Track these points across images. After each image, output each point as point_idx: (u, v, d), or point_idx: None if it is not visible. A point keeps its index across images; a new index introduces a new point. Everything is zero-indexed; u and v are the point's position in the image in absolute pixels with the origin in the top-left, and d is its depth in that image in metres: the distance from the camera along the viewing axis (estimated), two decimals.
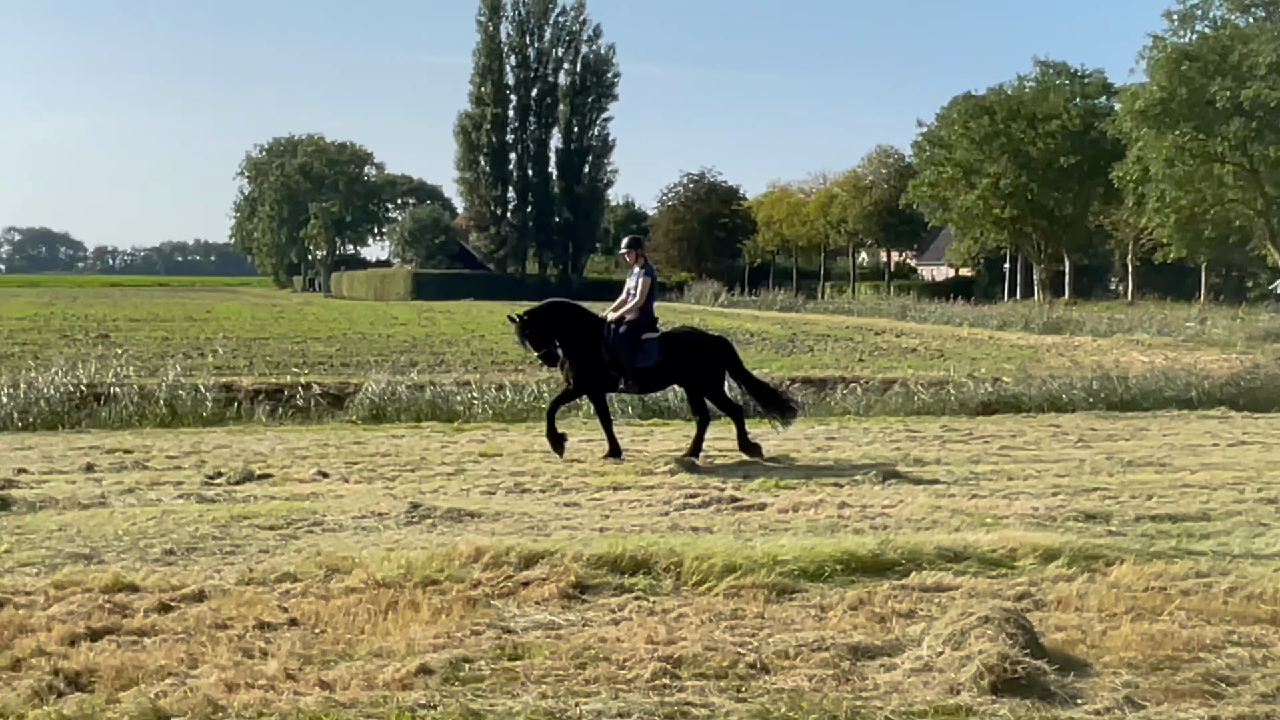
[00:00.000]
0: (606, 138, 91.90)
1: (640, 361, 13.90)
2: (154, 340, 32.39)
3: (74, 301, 64.00)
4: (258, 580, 8.00)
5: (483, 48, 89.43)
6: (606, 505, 11.02)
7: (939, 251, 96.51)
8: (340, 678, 6.07)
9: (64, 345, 29.14)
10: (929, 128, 77.21)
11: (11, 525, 9.71)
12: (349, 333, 38.28)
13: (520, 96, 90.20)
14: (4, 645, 6.47)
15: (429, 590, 7.70)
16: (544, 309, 14.23)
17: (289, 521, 9.98)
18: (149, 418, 17.73)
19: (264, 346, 31.89)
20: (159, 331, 36.73)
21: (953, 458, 14.30)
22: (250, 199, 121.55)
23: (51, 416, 17.31)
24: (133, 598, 7.52)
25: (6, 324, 39.37)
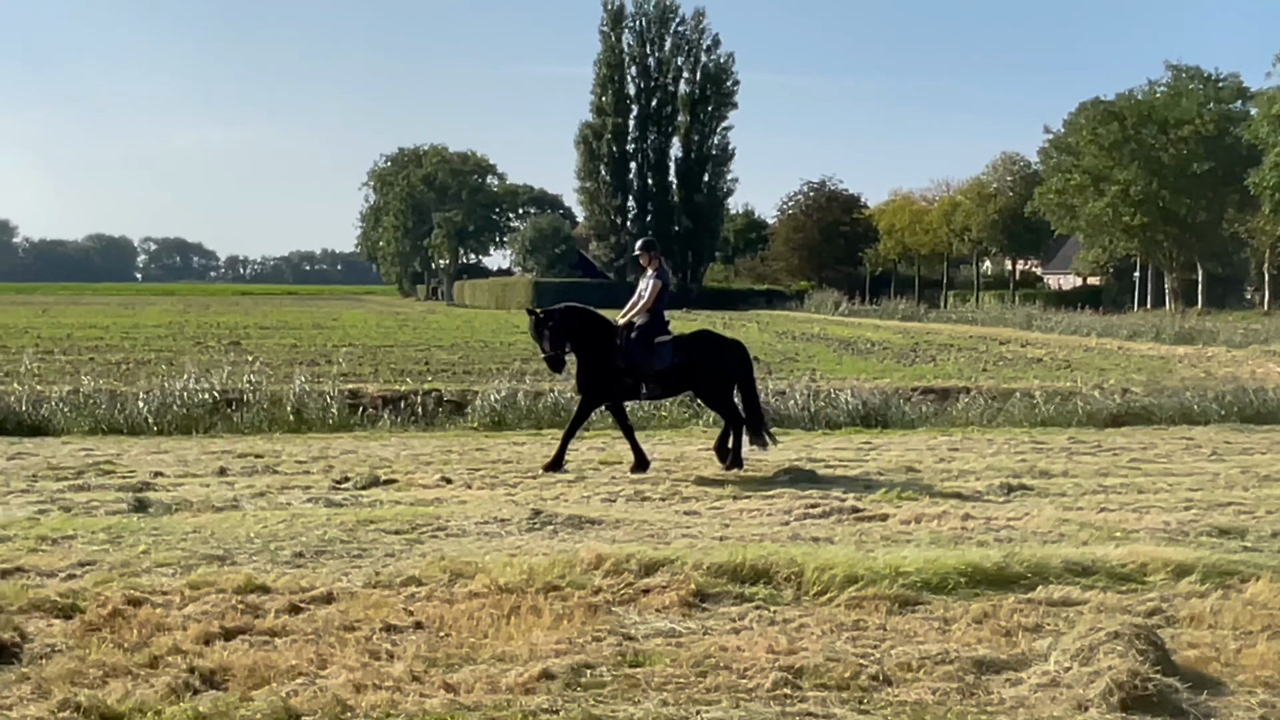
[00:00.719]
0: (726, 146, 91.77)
1: (657, 364, 13.67)
2: (283, 347, 33.18)
3: (207, 309, 65.84)
4: (384, 583, 8.14)
5: (604, 58, 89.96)
6: (726, 514, 11.00)
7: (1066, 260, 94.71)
8: (464, 681, 6.15)
9: (197, 352, 30.00)
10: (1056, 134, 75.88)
11: (149, 526, 10.01)
12: (471, 340, 38.79)
13: (641, 106, 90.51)
14: (142, 643, 6.66)
15: (551, 596, 7.76)
16: (560, 312, 13.94)
17: (414, 526, 10.13)
18: (278, 423, 18.17)
19: (388, 354, 32.47)
20: (288, 339, 37.60)
21: (1080, 470, 14.01)
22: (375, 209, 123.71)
23: (186, 421, 17.84)
24: (264, 599, 7.71)
25: (144, 331, 40.65)
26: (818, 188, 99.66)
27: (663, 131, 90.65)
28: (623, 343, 13.66)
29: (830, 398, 19.59)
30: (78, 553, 8.97)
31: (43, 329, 41.08)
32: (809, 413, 18.99)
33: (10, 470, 13.08)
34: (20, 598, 7.50)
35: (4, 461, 13.75)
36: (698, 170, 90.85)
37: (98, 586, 7.90)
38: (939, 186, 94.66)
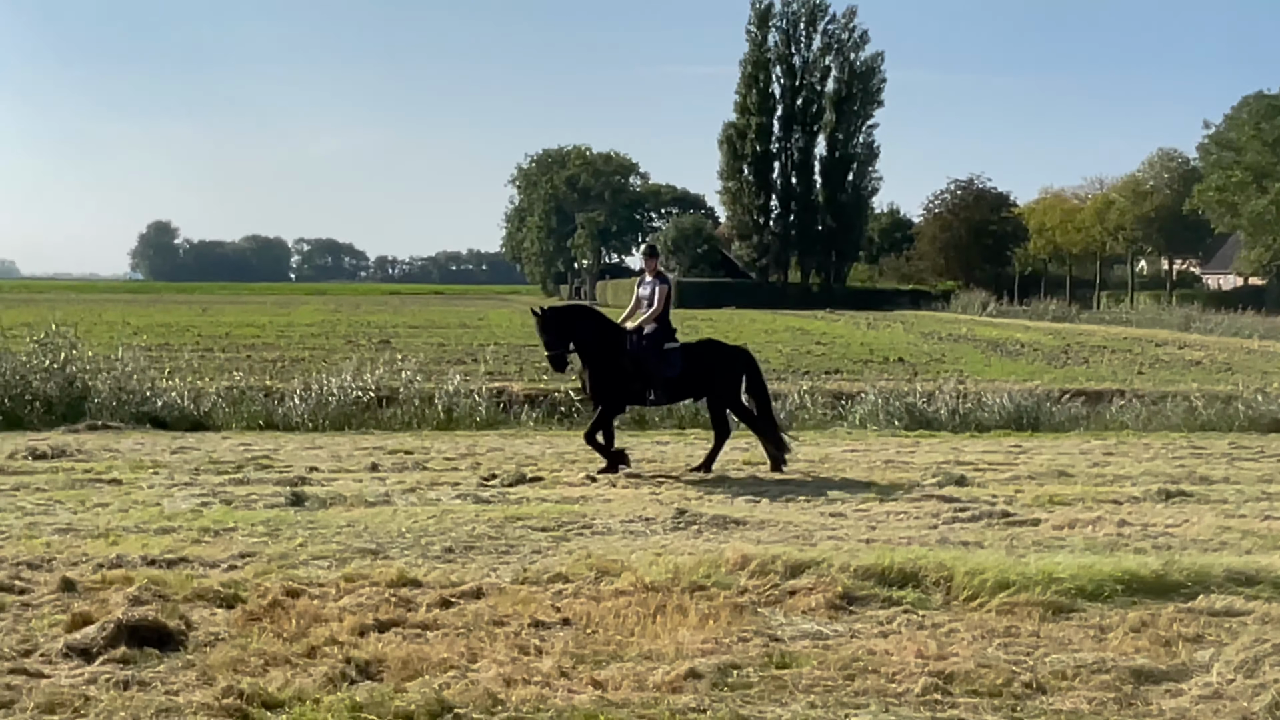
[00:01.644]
0: (872, 145, 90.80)
1: (665, 371, 13.52)
2: (431, 346, 33.77)
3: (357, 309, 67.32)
4: (532, 580, 8.25)
5: (750, 57, 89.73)
6: (873, 517, 10.89)
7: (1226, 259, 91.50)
8: (612, 678, 6.19)
9: (349, 350, 30.70)
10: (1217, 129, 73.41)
11: (305, 520, 10.29)
12: None
13: (785, 105, 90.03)
14: (300, 633, 6.85)
15: (696, 596, 7.77)
16: (566, 310, 13.88)
17: (560, 524, 10.24)
18: (427, 420, 18.53)
19: (533, 353, 32.77)
20: (435, 338, 38.27)
21: (1242, 476, 13.55)
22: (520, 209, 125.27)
23: (339, 418, 18.30)
24: (416, 592, 7.86)
25: (297, 330, 41.76)
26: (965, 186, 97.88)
27: (807, 130, 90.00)
28: (632, 347, 13.49)
29: (978, 400, 19.25)
30: (238, 544, 9.26)
31: (203, 327, 42.47)
32: (957, 415, 18.69)
33: (174, 464, 13.56)
34: (185, 587, 7.76)
35: (168, 455, 14.26)
36: (842, 169, 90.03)
37: (257, 577, 8.14)
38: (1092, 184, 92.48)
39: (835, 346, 37.81)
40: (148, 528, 9.87)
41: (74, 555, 8.75)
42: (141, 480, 12.32)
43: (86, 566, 8.39)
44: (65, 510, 10.63)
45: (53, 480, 12.16)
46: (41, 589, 7.79)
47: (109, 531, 9.65)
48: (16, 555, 8.65)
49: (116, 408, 18.09)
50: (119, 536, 9.45)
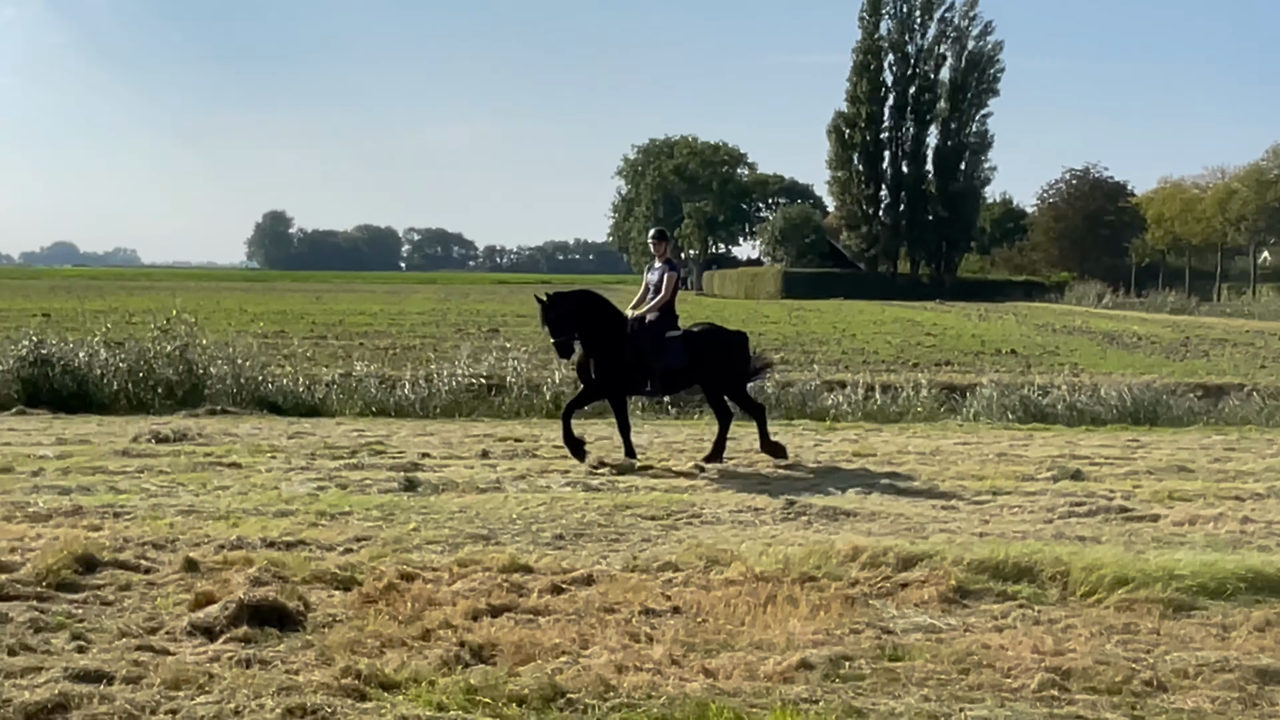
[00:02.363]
0: (985, 134, 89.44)
1: (667, 362, 13.14)
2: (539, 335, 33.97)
3: (466, 298, 68.06)
4: (641, 568, 8.27)
5: (862, 45, 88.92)
6: (986, 510, 10.74)
7: None
8: (722, 666, 6.19)
9: (458, 339, 31.07)
10: None
11: (418, 505, 10.44)
12: None
13: (897, 94, 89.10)
14: (415, 616, 6.95)
15: (807, 586, 7.73)
16: (572, 296, 13.36)
17: (669, 512, 10.26)
18: (536, 408, 18.68)
19: None
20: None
21: None
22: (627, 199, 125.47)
23: (450, 405, 18.53)
24: (527, 578, 7.93)
25: (409, 319, 42.34)
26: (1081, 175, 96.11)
27: (920, 119, 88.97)
28: (633, 335, 13.10)
29: (1094, 393, 18.88)
30: (354, 528, 9.42)
31: (317, 315, 43.25)
32: (1072, 408, 18.36)
33: (291, 449, 13.83)
34: (303, 569, 7.92)
35: (285, 440, 14.54)
36: (954, 158, 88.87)
37: (373, 561, 8.28)
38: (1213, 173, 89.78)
39: (946, 338, 37.35)
40: (266, 510, 10.08)
41: (196, 536, 8.97)
42: (260, 464, 12.59)
43: (209, 547, 8.60)
44: (187, 492, 10.90)
45: (175, 463, 12.48)
46: (166, 568, 8.01)
47: (229, 513, 9.88)
48: (142, 535, 8.90)
49: (234, 393, 18.52)
50: (239, 518, 9.68)
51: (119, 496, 10.60)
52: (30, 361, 18.43)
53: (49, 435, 14.58)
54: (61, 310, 40.43)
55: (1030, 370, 25.06)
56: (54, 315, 36.30)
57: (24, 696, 5.43)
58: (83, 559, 7.89)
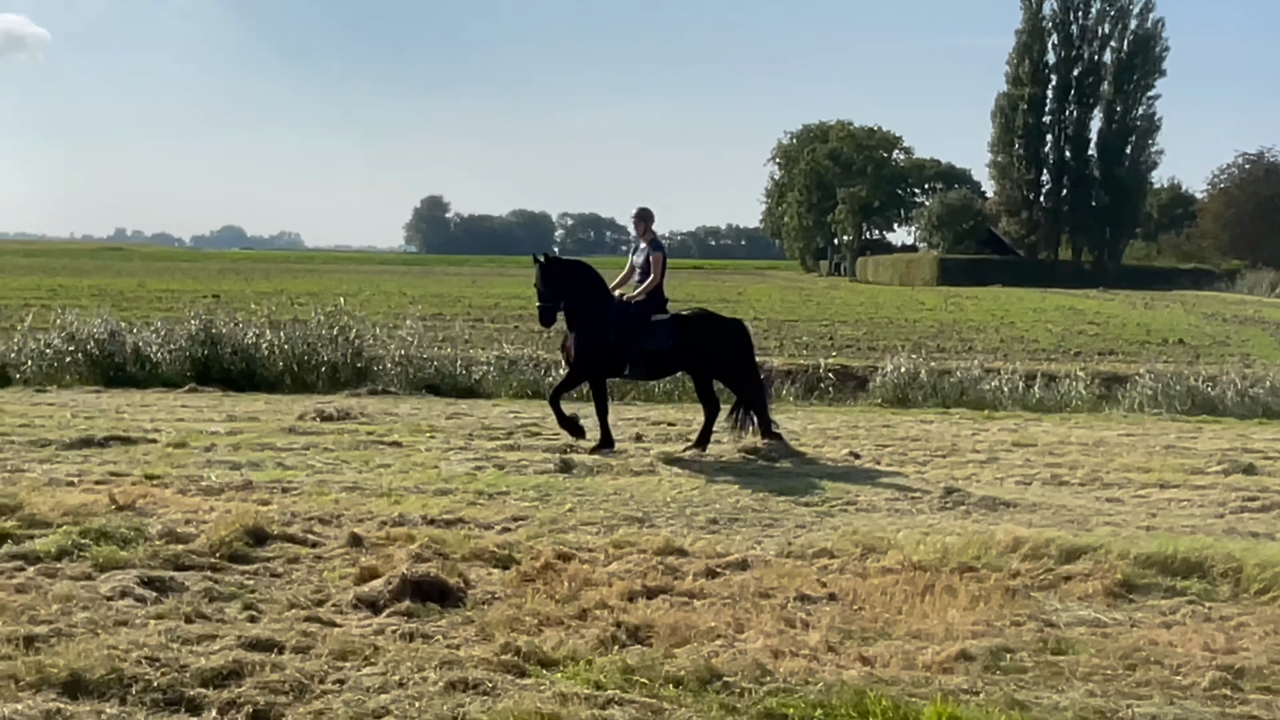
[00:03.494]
0: (1152, 117, 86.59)
1: (651, 345, 12.67)
2: None
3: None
4: (796, 554, 8.23)
5: (1025, 26, 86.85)
6: (1153, 503, 10.42)
7: None
8: (880, 655, 6.13)
9: None
10: None
11: (573, 486, 10.55)
12: (875, 317, 38.56)
13: (1060, 76, 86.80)
14: (572, 596, 7.02)
15: (965, 577, 7.60)
16: (571, 265, 12.90)
17: (824, 499, 10.19)
18: (687, 392, 18.66)
19: (793, 328, 32.77)
20: None
21: None
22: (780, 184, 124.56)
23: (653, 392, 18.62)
24: (682, 561, 7.95)
25: None
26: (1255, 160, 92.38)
27: (1083, 102, 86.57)
28: (617, 316, 12.68)
29: (1268, 384, 18.18)
30: (511, 508, 9.57)
31: (473, 299, 43.97)
32: (1244, 399, 17.71)
33: (449, 429, 14.09)
34: (463, 547, 8.06)
35: (443, 420, 14.82)
36: (1119, 142, 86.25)
37: (530, 540, 8.39)
38: None
39: (1109, 327, 36.37)
40: (427, 488, 10.29)
41: (360, 512, 9.20)
42: (419, 443, 12.84)
43: (372, 523, 8.81)
44: (351, 469, 11.19)
45: (339, 441, 12.81)
46: (331, 543, 8.23)
47: (391, 491, 10.11)
48: (309, 510, 9.16)
49: (394, 374, 18.96)
50: (400, 496, 9.90)
51: (286, 472, 10.93)
52: (201, 341, 19.12)
53: (219, 412, 15.09)
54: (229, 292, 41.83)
55: (1198, 360, 24.26)
56: (222, 296, 37.56)
57: (200, 663, 5.63)
58: (253, 532, 8.15)
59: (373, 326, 20.75)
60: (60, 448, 11.90)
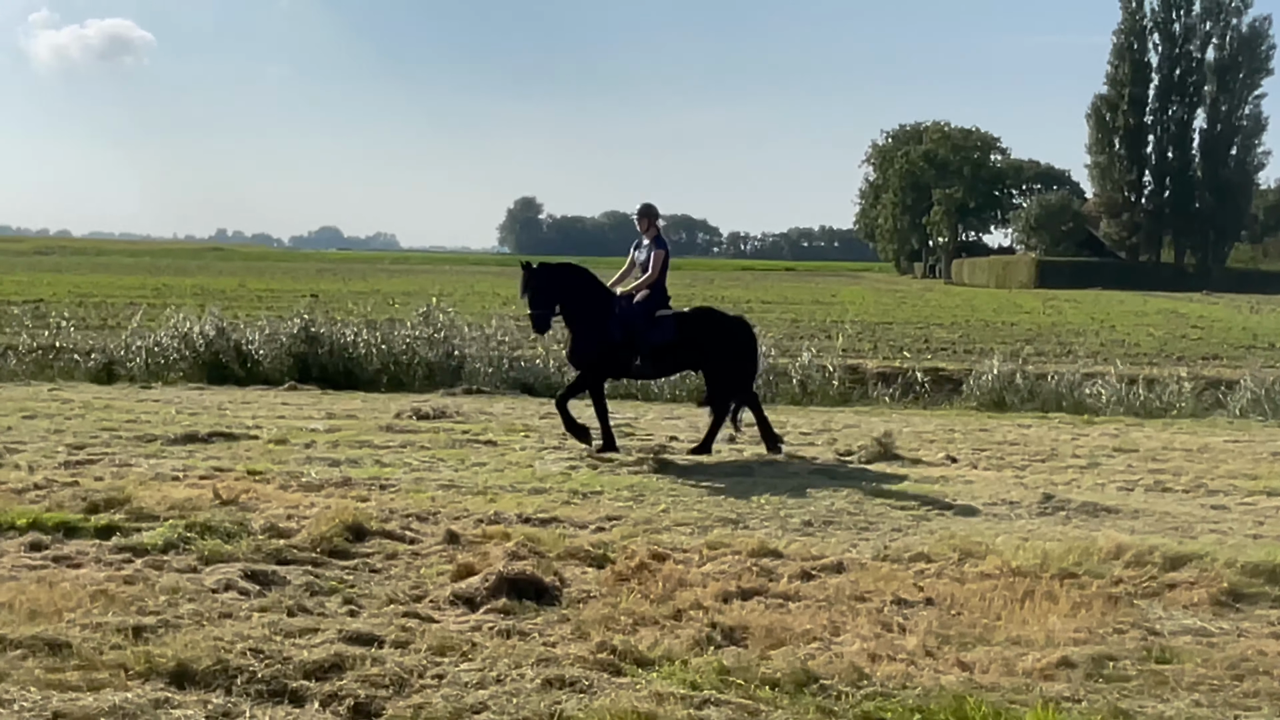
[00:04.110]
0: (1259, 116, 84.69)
1: (655, 337, 12.47)
2: (784, 322, 33.97)
3: (710, 284, 68.42)
4: (892, 557, 8.16)
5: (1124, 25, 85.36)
6: (1260, 511, 10.16)
7: None
8: (979, 660, 6.05)
9: None
10: None
11: (667, 487, 10.55)
12: (971, 319, 38.12)
13: (1161, 75, 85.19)
14: (666, 596, 7.03)
15: (1066, 583, 7.48)
16: (556, 268, 12.68)
17: (920, 502, 10.09)
18: (782, 394, 18.66)
19: (887, 331, 32.51)
20: (788, 314, 38.45)
21: None
22: (875, 186, 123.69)
23: (696, 390, 18.64)
24: (776, 563, 7.92)
25: None
26: None
27: (1185, 102, 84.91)
28: (621, 312, 12.49)
29: None
30: (605, 507, 9.60)
31: None
32: None
33: (543, 428, 14.18)
34: (558, 545, 8.11)
35: (537, 420, 14.92)
36: (1223, 143, 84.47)
37: (624, 540, 8.41)
38: None
39: (1214, 331, 35.59)
40: (521, 487, 10.37)
41: (456, 510, 9.29)
42: (514, 442, 12.95)
43: (468, 521, 8.89)
44: (447, 468, 11.31)
45: (434, 439, 12.95)
46: (429, 540, 8.32)
47: (487, 489, 10.20)
48: (406, 507, 9.27)
49: (489, 374, 19.12)
50: (496, 494, 9.98)
51: (384, 470, 11.08)
52: (300, 339, 19.44)
53: (318, 410, 15.34)
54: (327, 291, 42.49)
55: None
56: (320, 296, 38.15)
57: (303, 655, 5.73)
58: (352, 528, 8.27)
59: (466, 326, 20.94)
60: (166, 443, 12.18)
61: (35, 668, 5.47)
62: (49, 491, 9.32)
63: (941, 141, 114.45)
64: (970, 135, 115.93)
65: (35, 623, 6.04)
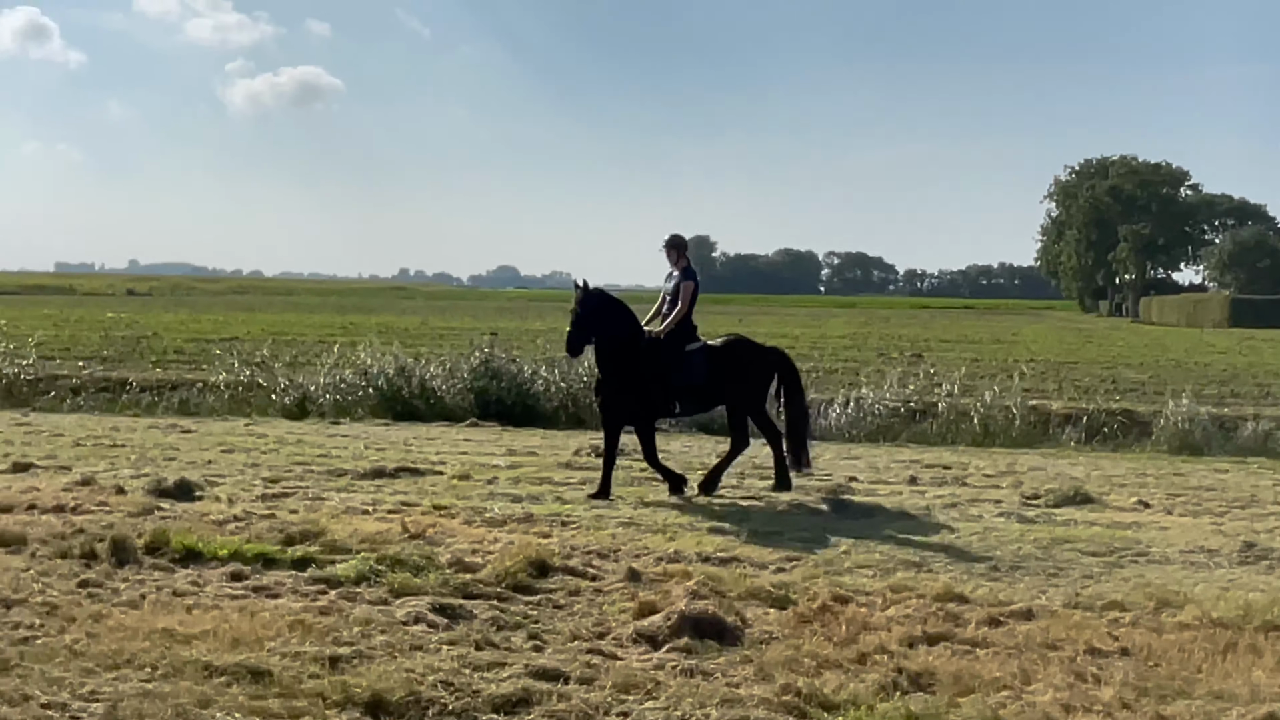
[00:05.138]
0: None
1: (684, 378, 11.92)
2: (963, 361, 33.28)
3: (886, 322, 67.66)
4: (1084, 605, 7.92)
5: None
6: None
7: None
8: (1179, 714, 5.84)
9: (880, 363, 30.88)
10: None
11: (847, 528, 10.44)
12: (1161, 360, 36.86)
13: None
14: (850, 639, 6.94)
15: (1271, 635, 7.15)
16: (608, 299, 12.21)
17: (1112, 549, 9.77)
18: (962, 435, 18.29)
19: (1072, 370, 31.64)
20: (968, 352, 37.71)
21: None
22: (1057, 222, 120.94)
23: (874, 430, 18.45)
24: (962, 608, 7.75)
25: (830, 342, 42.52)
26: None
27: None
28: (650, 350, 12.03)
29: None
30: (785, 547, 9.55)
31: None
32: None
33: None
34: (739, 585, 8.09)
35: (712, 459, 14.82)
36: None
37: (806, 581, 8.35)
38: None
39: None
40: (700, 526, 10.39)
41: (636, 547, 9.37)
42: (692, 480, 12.95)
43: (648, 559, 8.95)
44: (626, 505, 11.39)
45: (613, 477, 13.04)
46: (610, 577, 8.39)
47: (666, 527, 10.25)
48: (587, 544, 9.36)
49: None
50: (675, 532, 10.02)
51: (564, 506, 11.22)
52: (481, 374, 19.83)
53: (499, 446, 15.61)
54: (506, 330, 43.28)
55: None
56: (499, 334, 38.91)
57: (491, 689, 5.83)
58: (536, 564, 8.39)
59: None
60: (355, 477, 12.55)
61: (239, 694, 5.69)
62: (248, 523, 9.70)
63: (1129, 176, 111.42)
64: (1159, 169, 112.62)
65: (238, 650, 6.28)
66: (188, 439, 15.72)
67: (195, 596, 7.55)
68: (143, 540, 8.73)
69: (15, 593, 7.43)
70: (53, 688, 5.77)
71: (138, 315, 53.20)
